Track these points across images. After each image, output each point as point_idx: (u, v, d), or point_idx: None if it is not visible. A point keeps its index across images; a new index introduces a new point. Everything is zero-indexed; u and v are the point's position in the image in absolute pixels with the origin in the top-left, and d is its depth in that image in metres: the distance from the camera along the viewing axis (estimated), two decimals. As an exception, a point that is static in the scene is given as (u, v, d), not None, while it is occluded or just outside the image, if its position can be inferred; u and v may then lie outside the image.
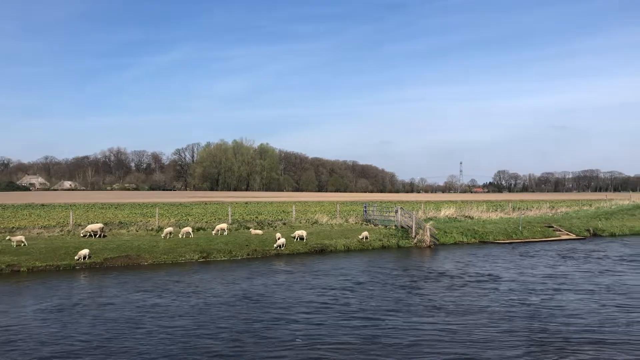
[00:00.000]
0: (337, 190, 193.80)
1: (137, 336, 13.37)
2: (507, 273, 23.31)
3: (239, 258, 27.54)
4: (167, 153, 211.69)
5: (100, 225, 30.78)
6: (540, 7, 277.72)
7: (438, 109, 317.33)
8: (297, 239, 30.89)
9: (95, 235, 29.69)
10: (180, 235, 30.00)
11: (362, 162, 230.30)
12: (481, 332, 13.73)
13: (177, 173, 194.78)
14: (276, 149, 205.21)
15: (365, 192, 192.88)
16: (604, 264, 26.04)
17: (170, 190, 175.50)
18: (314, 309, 16.30)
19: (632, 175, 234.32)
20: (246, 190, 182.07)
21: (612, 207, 54.16)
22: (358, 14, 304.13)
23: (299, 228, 32.94)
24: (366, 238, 32.36)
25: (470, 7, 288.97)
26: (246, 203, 67.11)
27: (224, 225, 31.97)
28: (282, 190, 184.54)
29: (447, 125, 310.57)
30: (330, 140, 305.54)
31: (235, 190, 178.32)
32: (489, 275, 22.72)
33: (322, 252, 29.93)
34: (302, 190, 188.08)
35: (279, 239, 29.65)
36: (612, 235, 41.48)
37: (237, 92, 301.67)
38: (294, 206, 44.44)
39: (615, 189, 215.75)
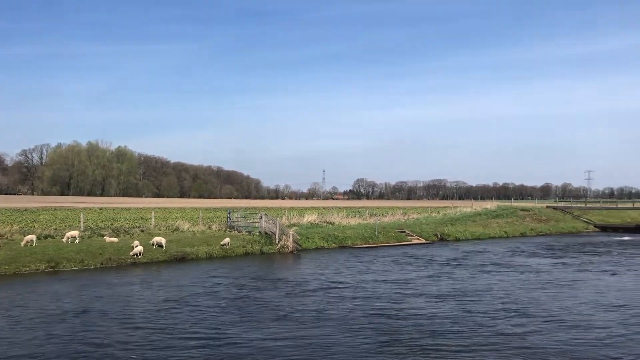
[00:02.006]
0: (200, 197, 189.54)
1: None
2: (359, 277, 24.44)
3: (92, 267, 25.85)
4: (11, 154, 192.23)
5: None
6: (402, 27, 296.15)
7: (302, 118, 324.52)
8: (155, 246, 29.72)
9: None
10: (22, 244, 27.23)
11: (227, 168, 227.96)
12: (331, 339, 13.99)
13: (23, 176, 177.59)
14: (135, 153, 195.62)
15: (230, 198, 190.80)
16: (444, 268, 28.35)
17: (14, 194, 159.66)
18: (154, 322, 15.40)
19: (474, 185, 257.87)
20: (101, 195, 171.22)
21: (457, 214, 58.98)
22: (224, 19, 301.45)
23: (159, 235, 31.70)
24: (228, 244, 32.06)
25: (333, 20, 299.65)
26: (101, 209, 63.13)
27: (75, 233, 29.74)
28: (141, 196, 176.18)
29: (311, 133, 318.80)
30: (194, 145, 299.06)
31: (89, 195, 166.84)
32: (342, 280, 23.64)
33: (182, 259, 29.10)
34: (163, 196, 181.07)
35: (136, 246, 28.30)
36: (457, 239, 45.35)
37: (92, 91, 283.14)
38: (153, 212, 42.72)
39: (460, 198, 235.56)
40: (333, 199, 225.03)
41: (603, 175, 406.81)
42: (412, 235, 43.50)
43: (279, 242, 33.98)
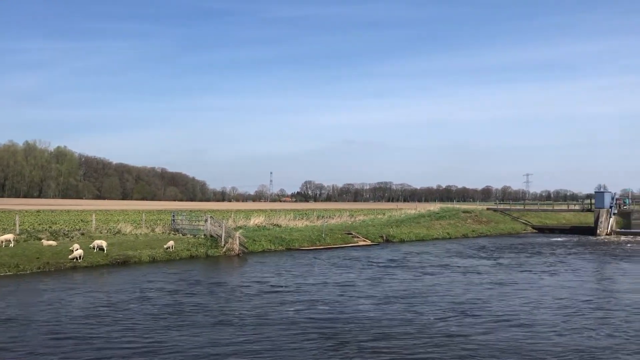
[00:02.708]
0: (143, 199, 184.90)
1: None
2: (304, 280, 24.53)
3: (28, 272, 24.80)
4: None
5: None
6: (351, 30, 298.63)
7: (250, 119, 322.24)
8: (96, 249, 28.82)
9: None
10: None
11: (171, 169, 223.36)
12: (274, 344, 13.86)
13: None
14: (75, 153, 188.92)
15: (174, 200, 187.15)
16: (388, 270, 28.83)
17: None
18: (86, 331, 14.84)
19: (419, 187, 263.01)
20: (39, 197, 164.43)
21: (402, 216, 60.05)
22: (169, 18, 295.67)
23: (100, 238, 30.75)
24: (172, 248, 31.46)
25: (281, 22, 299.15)
26: (38, 211, 60.65)
27: (9, 236, 28.45)
28: (82, 198, 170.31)
29: (259, 135, 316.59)
30: (137, 146, 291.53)
31: (25, 197, 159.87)
32: (287, 283, 23.67)
33: (125, 263, 28.35)
34: (104, 198, 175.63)
35: (75, 250, 27.35)
36: (402, 241, 46.19)
37: (28, 89, 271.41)
38: (94, 215, 41.42)
39: (405, 200, 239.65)
40: (280, 202, 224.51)
41: (540, 178, 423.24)
42: (358, 237, 43.98)
43: (224, 245, 33.62)
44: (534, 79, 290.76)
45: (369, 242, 43.16)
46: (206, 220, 35.75)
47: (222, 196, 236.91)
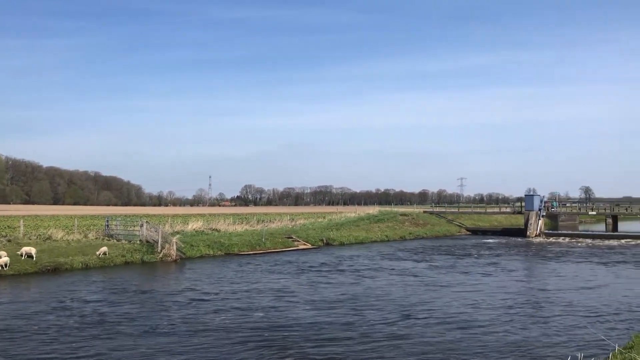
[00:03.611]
0: (76, 203, 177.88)
1: None
2: (242, 286, 24.37)
3: (-52, 282, 23.36)
4: None
5: None
6: (292, 35, 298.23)
7: (188, 122, 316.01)
8: (25, 257, 27.50)
9: None
10: None
11: (105, 173, 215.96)
12: (210, 353, 13.56)
13: None
14: (2, 156, 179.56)
15: (108, 205, 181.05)
16: (329, 273, 29.07)
17: None
18: (2, 344, 14.04)
19: (358, 191, 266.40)
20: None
21: (342, 219, 60.61)
22: (105, 17, 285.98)
23: (29, 245, 29.36)
24: (105, 254, 30.46)
25: (221, 24, 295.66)
26: (-40, 217, 57.19)
27: None
28: (9, 203, 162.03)
29: (198, 138, 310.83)
30: (69, 149, 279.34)
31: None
32: (225, 289, 23.46)
33: (55, 271, 27.20)
34: (34, 203, 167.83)
35: (1, 258, 25.99)
36: (342, 244, 46.64)
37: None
38: (22, 220, 39.49)
39: (345, 203, 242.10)
40: (220, 206, 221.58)
41: (474, 182, 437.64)
42: (298, 241, 44.05)
43: (161, 250, 32.86)
44: (466, 85, 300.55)
45: (309, 246, 43.31)
46: (142, 226, 34.83)
47: (158, 200, 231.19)
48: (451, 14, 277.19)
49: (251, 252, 37.73)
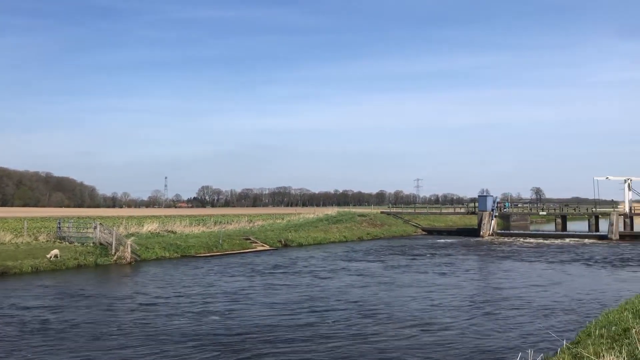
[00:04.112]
0: (25, 205, 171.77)
1: None
2: (197, 289, 24.09)
3: None
4: None
5: None
6: (250, 36, 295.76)
7: (143, 122, 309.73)
8: (-30, 261, 26.44)
9: None
10: None
11: (57, 173, 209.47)
12: (163, 357, 13.30)
13: None
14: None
15: (61, 207, 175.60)
16: (287, 275, 29.07)
17: None
18: None
19: (317, 192, 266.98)
20: None
21: (300, 220, 60.68)
22: (57, 15, 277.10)
23: (-26, 249, 28.25)
24: (57, 257, 29.57)
25: (177, 24, 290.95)
26: None
27: None
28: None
29: (153, 138, 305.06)
30: (19, 149, 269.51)
31: None
32: (179, 292, 23.15)
33: (3, 275, 26.26)
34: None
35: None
36: (300, 245, 46.65)
37: None
38: (-33, 223, 37.95)
39: (304, 204, 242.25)
40: (176, 207, 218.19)
41: (430, 183, 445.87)
42: (257, 242, 43.84)
43: (115, 253, 32.14)
44: (423, 87, 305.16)
45: (267, 247, 43.15)
46: (95, 228, 33.96)
47: (113, 202, 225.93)
48: (413, 17, 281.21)
49: (208, 254, 37.32)
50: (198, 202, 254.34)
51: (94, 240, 33.48)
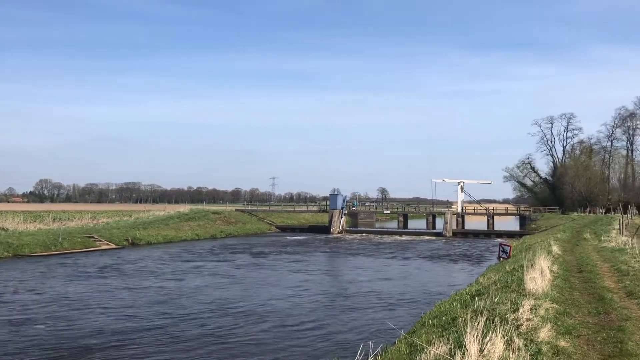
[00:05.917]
0: None
1: None
2: (27, 295, 22.17)
3: None
4: None
5: None
6: (120, 22, 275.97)
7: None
8: None
9: None
10: None
11: None
12: None
13: None
14: None
15: None
16: (134, 276, 27.80)
17: None
18: None
19: (169, 188, 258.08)
20: None
21: (150, 217, 58.29)
22: None
23: None
24: None
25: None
26: None
27: None
28: None
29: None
30: None
31: None
32: (3, 300, 21.14)
33: None
34: None
35: None
36: (149, 243, 44.75)
37: None
38: None
39: (155, 201, 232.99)
40: (9, 202, 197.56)
41: (285, 181, 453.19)
42: (101, 241, 41.24)
43: None
44: (282, 86, 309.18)
45: (113, 246, 40.78)
46: None
47: None
48: (285, 18, 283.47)
49: (46, 253, 34.31)
50: (35, 196, 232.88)
51: None
